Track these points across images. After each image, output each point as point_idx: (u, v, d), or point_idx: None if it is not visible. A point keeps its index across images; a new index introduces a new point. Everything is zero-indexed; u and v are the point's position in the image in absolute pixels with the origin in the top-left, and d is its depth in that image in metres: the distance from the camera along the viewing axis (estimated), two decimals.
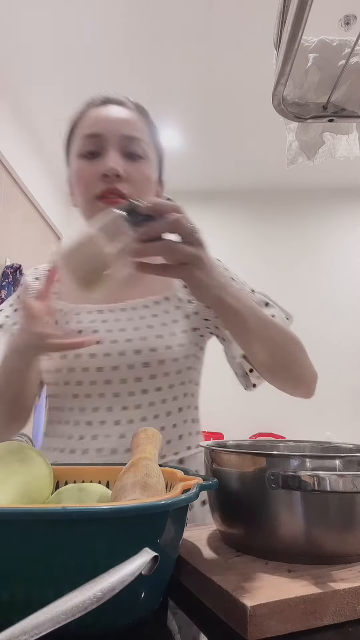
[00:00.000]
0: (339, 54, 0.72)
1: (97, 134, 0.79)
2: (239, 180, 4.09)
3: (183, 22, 2.45)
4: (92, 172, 0.78)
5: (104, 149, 0.78)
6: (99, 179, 0.77)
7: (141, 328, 0.80)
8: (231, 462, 0.53)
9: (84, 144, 0.80)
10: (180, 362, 0.81)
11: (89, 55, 2.68)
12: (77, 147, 0.81)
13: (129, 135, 0.79)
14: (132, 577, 0.29)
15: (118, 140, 0.78)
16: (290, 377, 0.79)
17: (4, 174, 2.98)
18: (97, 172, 0.77)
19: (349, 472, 0.44)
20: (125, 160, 0.78)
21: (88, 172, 0.78)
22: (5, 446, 0.52)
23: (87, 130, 0.80)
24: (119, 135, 0.78)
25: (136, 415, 0.78)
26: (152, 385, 0.79)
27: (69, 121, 0.87)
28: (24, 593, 0.35)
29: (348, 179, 4.02)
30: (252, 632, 0.38)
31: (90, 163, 0.78)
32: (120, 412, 0.78)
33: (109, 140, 0.78)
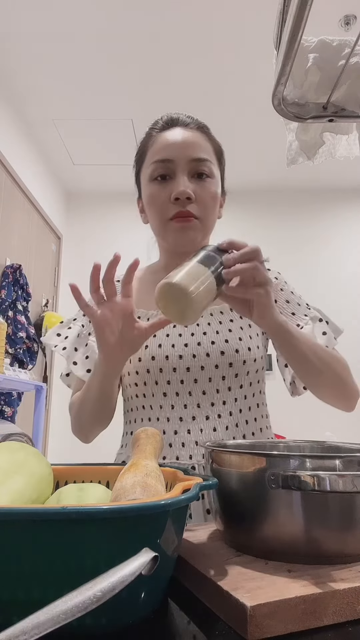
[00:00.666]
0: (339, 54, 0.72)
1: (166, 159, 0.85)
2: (239, 180, 4.09)
3: (183, 22, 2.45)
4: (164, 196, 0.85)
5: (174, 173, 0.85)
6: (171, 202, 0.83)
7: (222, 331, 0.88)
8: (231, 462, 0.53)
9: (155, 168, 0.86)
10: (258, 363, 0.89)
11: (89, 55, 2.68)
12: (148, 172, 0.87)
13: (196, 157, 0.85)
14: (132, 577, 0.29)
15: (186, 164, 0.84)
16: (334, 394, 0.87)
17: (4, 174, 2.99)
18: (168, 196, 0.84)
19: (349, 472, 0.44)
20: (194, 182, 0.85)
21: (160, 195, 0.85)
22: (5, 446, 0.52)
23: (157, 156, 0.86)
24: (187, 158, 0.84)
25: (223, 411, 0.86)
26: (236, 383, 0.87)
27: (139, 144, 0.94)
28: (24, 593, 0.35)
29: (349, 179, 4.02)
30: (252, 632, 0.38)
31: (162, 187, 0.85)
32: (209, 407, 0.85)
33: (178, 164, 0.84)
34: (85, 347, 0.91)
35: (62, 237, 4.13)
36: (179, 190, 0.82)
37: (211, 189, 0.86)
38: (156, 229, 0.90)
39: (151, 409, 0.87)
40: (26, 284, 3.10)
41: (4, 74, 2.84)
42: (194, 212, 0.84)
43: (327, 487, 0.42)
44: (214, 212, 0.89)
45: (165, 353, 0.86)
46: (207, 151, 0.87)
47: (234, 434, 0.85)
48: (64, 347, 0.91)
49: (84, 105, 3.09)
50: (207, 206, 0.86)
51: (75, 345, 0.91)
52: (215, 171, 0.88)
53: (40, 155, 3.61)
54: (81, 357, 0.89)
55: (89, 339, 0.91)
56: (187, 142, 0.86)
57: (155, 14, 2.40)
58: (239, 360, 0.86)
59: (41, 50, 2.65)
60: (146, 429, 0.62)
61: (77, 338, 0.91)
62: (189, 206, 0.83)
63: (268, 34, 0.80)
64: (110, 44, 2.60)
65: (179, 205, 0.83)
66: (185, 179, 0.83)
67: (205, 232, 0.88)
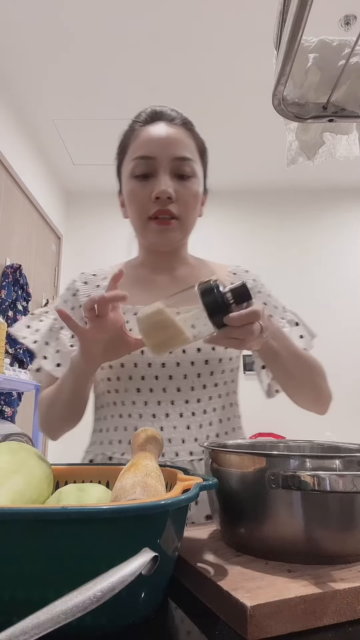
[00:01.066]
0: (339, 54, 0.72)
1: (148, 156, 0.83)
2: (239, 180, 4.09)
3: (183, 21, 2.45)
4: (144, 193, 0.83)
5: (156, 171, 0.83)
6: (151, 201, 0.82)
7: None
8: (231, 462, 0.53)
9: (136, 165, 0.84)
10: (233, 361, 0.89)
11: (88, 54, 2.68)
12: (129, 168, 0.85)
13: (179, 156, 0.83)
14: (132, 577, 0.29)
15: (168, 162, 0.83)
16: (309, 399, 0.88)
17: (4, 174, 2.98)
18: (149, 194, 0.82)
19: (349, 472, 0.44)
20: (175, 180, 0.83)
21: (141, 193, 0.83)
22: (5, 446, 0.52)
23: (139, 152, 0.84)
24: (170, 157, 0.83)
25: (197, 409, 0.84)
26: (211, 381, 0.86)
27: (121, 137, 0.91)
28: (24, 593, 0.35)
29: (349, 179, 4.02)
30: (252, 632, 0.38)
31: (143, 185, 0.83)
32: (183, 405, 0.84)
33: (160, 162, 0.83)
34: (57, 340, 0.88)
35: (62, 237, 4.13)
36: (160, 190, 0.81)
37: (193, 188, 0.85)
38: (136, 227, 0.89)
39: (123, 405, 0.85)
40: (26, 284, 3.10)
41: (4, 74, 2.84)
42: (174, 212, 0.83)
43: (327, 487, 0.42)
44: (195, 211, 0.87)
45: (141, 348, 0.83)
46: (190, 149, 0.86)
47: (207, 432, 0.84)
48: (35, 341, 0.88)
49: (84, 105, 3.09)
50: (188, 206, 0.84)
51: (47, 339, 0.88)
52: (198, 170, 0.87)
53: (40, 155, 3.60)
54: (52, 352, 0.87)
55: (60, 333, 0.89)
56: (170, 139, 0.84)
57: (155, 13, 2.40)
58: (215, 358, 0.84)
59: (41, 50, 2.65)
60: (146, 429, 0.62)
61: (49, 331, 0.89)
62: (170, 205, 0.82)
63: (268, 33, 0.80)
64: (110, 43, 2.60)
65: (160, 204, 0.82)
66: (166, 178, 0.82)
67: (185, 232, 0.88)
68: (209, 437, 0.84)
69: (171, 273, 0.94)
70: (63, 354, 0.87)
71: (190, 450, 0.82)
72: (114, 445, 0.85)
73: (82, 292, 0.92)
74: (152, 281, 0.93)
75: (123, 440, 0.84)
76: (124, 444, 0.83)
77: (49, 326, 0.89)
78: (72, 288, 0.93)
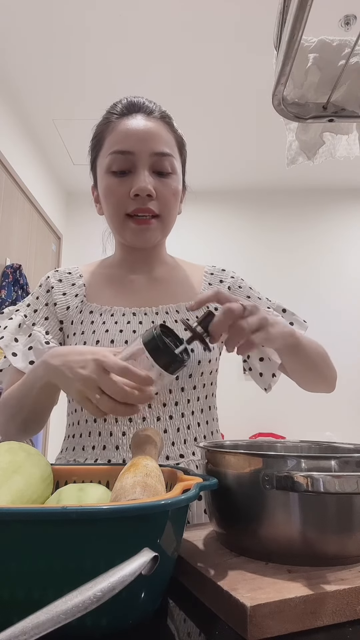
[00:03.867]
0: (339, 54, 0.72)
1: (127, 151, 0.79)
2: (238, 180, 4.09)
3: (183, 21, 2.45)
4: (122, 190, 0.80)
5: (134, 167, 0.79)
6: (129, 198, 0.79)
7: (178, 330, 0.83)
8: (226, 462, 0.53)
9: (113, 160, 0.80)
10: (212, 364, 0.86)
11: (88, 54, 2.68)
12: (106, 162, 0.81)
13: (159, 151, 0.80)
14: (132, 577, 0.29)
15: (148, 158, 0.79)
16: (324, 382, 0.89)
17: (4, 174, 2.98)
18: (127, 191, 0.79)
19: (344, 473, 0.43)
20: (155, 177, 0.80)
21: (118, 190, 0.80)
22: (5, 446, 0.52)
23: (117, 146, 0.80)
24: (149, 152, 0.79)
25: (175, 412, 0.82)
26: (189, 384, 0.83)
27: (95, 128, 0.87)
28: (24, 593, 0.35)
29: (349, 179, 4.02)
30: (252, 632, 0.38)
31: (120, 181, 0.80)
32: (160, 408, 0.81)
33: (139, 157, 0.79)
34: (29, 337, 0.84)
35: (62, 237, 4.13)
36: (139, 187, 0.77)
37: (172, 185, 0.82)
38: (113, 224, 0.85)
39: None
40: (26, 284, 3.10)
41: (4, 74, 2.83)
42: (154, 209, 0.80)
43: (321, 488, 0.42)
44: (175, 208, 0.85)
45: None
46: (169, 144, 0.82)
47: (185, 436, 0.82)
48: (2, 337, 0.83)
49: (84, 105, 3.09)
50: (168, 203, 0.82)
51: (16, 335, 0.84)
52: (177, 166, 0.84)
53: (40, 155, 3.60)
54: (22, 349, 0.83)
55: (33, 329, 0.85)
56: (149, 133, 0.80)
57: (155, 13, 2.40)
58: (193, 360, 0.82)
59: (41, 50, 2.65)
60: (146, 429, 0.62)
61: (18, 328, 0.85)
62: (150, 203, 0.79)
63: (268, 33, 0.80)
64: (110, 43, 2.60)
65: (139, 201, 0.79)
66: (146, 174, 0.79)
67: (165, 231, 0.85)
68: (186, 441, 0.82)
69: (149, 273, 0.92)
70: (37, 350, 0.83)
71: (167, 455, 0.79)
72: (87, 451, 0.81)
73: (57, 290, 0.89)
74: (129, 282, 0.90)
75: (97, 445, 0.80)
76: (98, 450, 0.80)
77: (17, 323, 0.86)
78: (47, 285, 0.90)
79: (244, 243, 4.14)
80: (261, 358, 0.92)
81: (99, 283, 0.91)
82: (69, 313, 0.87)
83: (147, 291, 0.89)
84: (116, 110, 0.84)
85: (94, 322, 0.84)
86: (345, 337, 3.92)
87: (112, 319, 0.84)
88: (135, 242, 0.84)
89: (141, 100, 0.84)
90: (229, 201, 4.23)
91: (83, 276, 0.92)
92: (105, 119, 0.85)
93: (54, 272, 0.92)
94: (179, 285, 0.92)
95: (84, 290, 0.90)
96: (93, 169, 0.89)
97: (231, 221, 4.22)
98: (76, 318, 0.86)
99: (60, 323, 0.87)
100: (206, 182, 4.08)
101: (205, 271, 0.97)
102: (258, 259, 4.05)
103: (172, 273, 0.94)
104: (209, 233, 4.11)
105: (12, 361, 0.82)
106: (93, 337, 0.82)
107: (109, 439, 0.80)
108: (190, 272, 0.96)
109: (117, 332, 0.82)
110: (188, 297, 0.90)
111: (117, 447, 0.79)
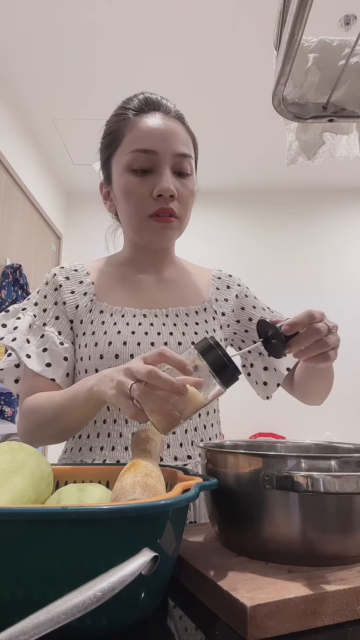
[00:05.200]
0: (339, 54, 0.72)
1: (151, 150, 0.78)
2: (239, 180, 4.09)
3: (183, 21, 2.45)
4: (144, 190, 0.79)
5: (157, 167, 0.79)
6: (152, 198, 0.79)
7: (188, 333, 0.85)
8: (226, 462, 0.53)
9: (135, 158, 0.79)
10: None
11: (88, 54, 2.68)
12: (126, 160, 0.80)
13: (181, 152, 0.80)
14: (132, 577, 0.29)
15: (170, 158, 0.79)
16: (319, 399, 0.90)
17: (4, 174, 2.98)
18: (149, 191, 0.79)
19: (343, 473, 0.43)
20: (176, 178, 0.80)
21: (139, 189, 0.79)
22: (5, 446, 0.52)
23: (139, 144, 0.79)
24: (172, 152, 0.79)
25: None
26: None
27: (110, 124, 0.85)
28: (24, 593, 0.35)
29: (349, 179, 4.02)
30: (252, 632, 0.38)
31: (142, 180, 0.79)
32: None
33: (163, 158, 0.79)
34: (41, 338, 0.83)
35: (62, 237, 4.13)
36: (163, 187, 0.77)
37: (190, 186, 0.82)
38: (131, 224, 0.84)
39: (108, 410, 0.81)
40: (26, 284, 3.10)
41: (4, 74, 2.83)
42: (175, 210, 0.80)
43: (321, 488, 0.42)
44: (191, 210, 0.85)
45: (131, 351, 0.79)
46: (188, 145, 0.83)
47: (192, 437, 0.82)
48: (14, 338, 0.81)
49: (84, 105, 3.09)
50: (187, 205, 0.82)
51: (27, 336, 0.82)
52: (194, 167, 0.84)
53: (40, 155, 3.60)
54: (35, 350, 0.81)
55: (44, 330, 0.83)
56: (171, 133, 0.80)
57: (155, 13, 2.40)
58: None
59: (41, 50, 2.65)
60: (147, 429, 0.62)
61: (29, 329, 0.83)
62: (172, 204, 0.79)
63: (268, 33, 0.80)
64: (110, 43, 2.60)
65: (161, 202, 0.78)
66: (169, 174, 0.78)
67: (181, 231, 0.86)
68: (193, 442, 0.82)
69: (158, 274, 0.91)
70: (52, 352, 0.82)
71: (175, 455, 0.79)
72: (94, 452, 0.80)
73: (65, 288, 0.87)
74: (137, 281, 0.90)
75: (105, 446, 0.79)
76: (106, 451, 0.79)
77: (28, 323, 0.84)
78: (54, 282, 0.88)
79: (243, 243, 4.14)
80: (265, 367, 0.92)
81: (108, 282, 0.90)
82: (78, 312, 0.85)
83: (156, 292, 0.89)
84: (133, 106, 0.82)
85: (105, 322, 0.83)
86: (344, 336, 3.88)
87: (123, 320, 0.83)
88: (152, 242, 0.84)
89: (158, 98, 0.84)
90: (228, 201, 4.23)
91: (90, 273, 0.90)
92: (121, 115, 0.83)
93: (60, 269, 0.90)
94: (187, 288, 0.92)
95: (93, 288, 0.88)
96: (106, 165, 0.87)
97: (231, 221, 4.22)
98: (86, 317, 0.85)
99: (70, 322, 0.86)
100: (206, 181, 4.08)
101: (212, 275, 0.98)
102: (258, 258, 4.05)
103: (181, 275, 0.94)
104: (209, 233, 4.11)
105: (27, 363, 0.79)
106: (105, 338, 0.81)
107: (118, 440, 0.79)
108: (197, 275, 0.96)
109: (129, 333, 0.81)
110: (196, 301, 0.91)
111: (127, 448, 0.79)
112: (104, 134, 0.87)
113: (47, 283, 0.88)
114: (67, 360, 0.83)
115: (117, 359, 0.79)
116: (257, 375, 0.93)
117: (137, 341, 0.81)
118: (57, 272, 0.89)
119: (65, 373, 0.83)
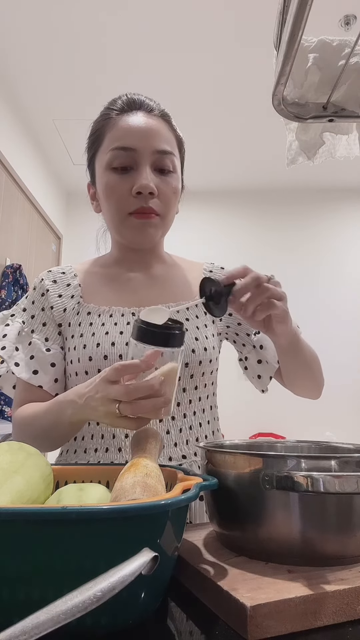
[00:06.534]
0: (339, 54, 0.72)
1: (130, 147, 0.78)
2: (239, 180, 4.09)
3: (183, 21, 2.45)
4: (124, 188, 0.79)
5: (137, 164, 0.79)
6: (131, 195, 0.78)
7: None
8: (226, 462, 0.53)
9: (115, 156, 0.79)
10: (213, 364, 0.85)
11: (88, 54, 2.68)
12: (107, 159, 0.80)
13: (161, 149, 0.80)
14: (132, 577, 0.29)
15: (150, 155, 0.79)
16: (313, 386, 0.90)
17: (4, 174, 2.98)
18: (129, 188, 0.78)
19: (344, 473, 0.43)
20: (156, 175, 0.80)
21: (119, 187, 0.79)
22: (5, 446, 0.52)
23: (118, 142, 0.79)
24: (151, 149, 0.79)
25: (177, 413, 0.81)
26: (191, 385, 0.83)
27: (93, 125, 0.86)
28: (24, 593, 0.35)
29: (349, 179, 4.02)
30: (252, 632, 0.38)
31: (122, 178, 0.79)
32: None
33: (141, 155, 0.78)
34: (29, 346, 0.83)
35: (62, 237, 4.13)
36: (142, 184, 0.77)
37: (173, 184, 0.82)
38: (112, 223, 0.84)
39: None
40: (26, 284, 3.10)
41: (4, 74, 2.83)
42: (156, 208, 0.79)
43: (321, 488, 0.42)
44: (174, 208, 0.84)
45: (119, 352, 0.78)
46: (170, 143, 0.82)
47: (187, 437, 0.81)
48: (3, 347, 0.81)
49: (84, 105, 3.09)
50: (169, 202, 0.81)
51: (16, 344, 0.82)
52: (177, 164, 0.84)
53: (40, 155, 3.60)
54: (24, 358, 0.82)
55: (32, 337, 0.83)
56: (151, 130, 0.80)
57: (155, 13, 2.40)
58: (195, 360, 0.81)
59: (41, 51, 2.65)
60: (146, 429, 0.62)
61: (18, 336, 0.83)
62: (151, 202, 0.78)
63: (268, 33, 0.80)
64: (110, 43, 2.60)
65: (141, 200, 0.78)
66: (148, 171, 0.78)
67: (164, 229, 0.85)
68: (188, 441, 0.81)
69: (147, 271, 0.90)
70: (39, 359, 0.82)
71: (169, 456, 0.79)
72: (89, 454, 0.80)
73: (53, 292, 0.86)
74: (126, 280, 0.89)
75: (99, 448, 0.79)
76: (100, 452, 0.79)
77: (17, 330, 0.84)
78: (41, 288, 0.87)
79: (243, 243, 4.14)
80: (259, 360, 0.91)
81: (95, 282, 0.89)
82: (66, 315, 0.85)
83: (146, 290, 0.88)
84: (116, 107, 0.83)
85: (93, 323, 0.82)
86: (344, 336, 3.92)
87: (111, 320, 0.83)
88: (134, 241, 0.83)
89: (141, 98, 0.84)
90: (228, 201, 4.23)
91: (77, 275, 0.90)
92: (105, 115, 0.84)
93: (47, 273, 0.90)
94: (178, 283, 0.91)
95: (80, 290, 0.87)
96: (91, 165, 0.88)
97: (230, 221, 4.22)
98: (73, 320, 0.84)
99: (58, 327, 0.86)
100: (206, 181, 4.08)
101: (204, 269, 0.97)
102: (257, 258, 4.05)
103: (171, 271, 0.93)
104: (209, 232, 4.11)
105: (16, 372, 0.80)
106: (93, 340, 0.80)
107: (111, 442, 0.79)
108: (188, 270, 0.95)
109: (117, 334, 0.80)
110: (187, 296, 0.89)
111: (120, 450, 0.78)
112: (89, 135, 0.88)
113: (35, 288, 0.89)
114: (55, 366, 0.83)
115: (105, 360, 0.78)
116: (252, 368, 0.93)
117: (125, 341, 0.80)
118: (45, 277, 0.89)
119: (53, 379, 0.83)
